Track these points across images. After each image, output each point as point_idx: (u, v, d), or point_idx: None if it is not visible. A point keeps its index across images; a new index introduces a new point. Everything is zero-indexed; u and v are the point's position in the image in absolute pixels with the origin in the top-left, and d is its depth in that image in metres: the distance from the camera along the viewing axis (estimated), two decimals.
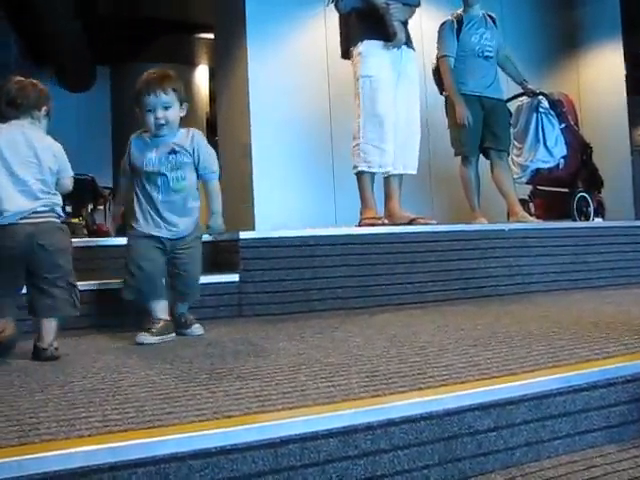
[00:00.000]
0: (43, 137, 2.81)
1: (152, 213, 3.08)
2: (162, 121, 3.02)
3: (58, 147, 2.82)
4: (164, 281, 3.11)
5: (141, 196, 3.13)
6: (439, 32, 5.50)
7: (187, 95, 3.20)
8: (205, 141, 3.16)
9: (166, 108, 3.03)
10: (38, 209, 2.68)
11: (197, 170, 3.11)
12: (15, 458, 1.34)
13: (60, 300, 2.66)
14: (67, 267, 2.71)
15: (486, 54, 5.42)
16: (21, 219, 2.64)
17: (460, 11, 5.53)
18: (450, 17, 5.52)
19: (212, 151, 3.18)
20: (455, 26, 5.45)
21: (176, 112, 3.07)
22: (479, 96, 5.38)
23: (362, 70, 4.74)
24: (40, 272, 2.66)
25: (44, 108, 2.86)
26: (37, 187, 2.69)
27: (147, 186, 3.09)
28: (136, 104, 3.10)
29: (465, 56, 5.42)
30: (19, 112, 2.79)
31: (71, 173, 2.88)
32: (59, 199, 2.80)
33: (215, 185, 3.17)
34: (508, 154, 5.56)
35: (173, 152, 3.06)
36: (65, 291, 2.68)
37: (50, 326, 2.65)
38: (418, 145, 4.94)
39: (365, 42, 4.75)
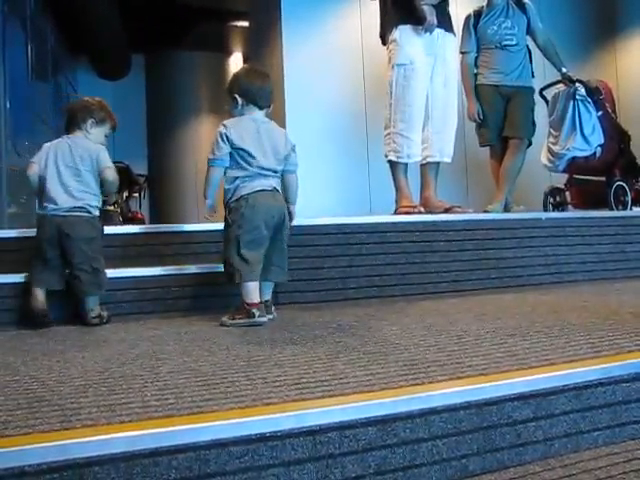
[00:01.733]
0: (83, 144, 3.43)
1: None
2: None
3: (96, 150, 3.43)
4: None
5: None
6: (464, 24, 5.56)
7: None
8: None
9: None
10: (72, 206, 3.32)
11: None
12: (59, 442, 1.36)
13: (86, 283, 3.27)
14: (91, 254, 3.30)
15: (505, 43, 5.39)
16: (55, 213, 3.31)
17: (484, 4, 5.52)
18: (471, 12, 5.54)
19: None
20: (472, 21, 5.51)
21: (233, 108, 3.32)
22: (497, 85, 5.37)
23: (396, 58, 4.73)
24: (68, 257, 3.29)
25: (90, 120, 3.48)
26: (76, 188, 3.35)
27: None
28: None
29: (484, 48, 5.48)
30: (69, 128, 3.51)
31: (109, 164, 3.46)
32: (95, 200, 3.42)
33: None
34: (530, 144, 5.47)
35: None
36: (89, 274, 3.28)
37: (88, 302, 3.27)
38: (454, 132, 4.92)
39: (399, 28, 4.73)
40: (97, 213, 3.43)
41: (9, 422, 1.48)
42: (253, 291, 3.05)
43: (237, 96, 3.26)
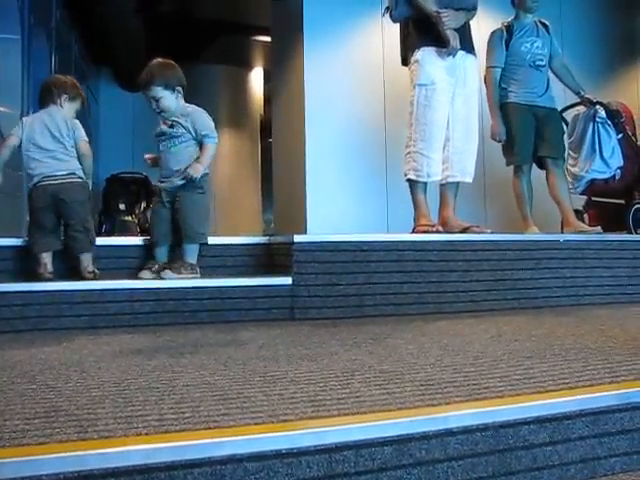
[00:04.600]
0: (60, 116, 3.84)
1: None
2: (157, 109, 3.97)
3: (72, 122, 3.87)
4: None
5: None
6: (488, 42, 5.50)
7: (178, 79, 4.07)
8: (198, 120, 3.98)
9: (156, 100, 3.93)
10: (64, 173, 3.74)
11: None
12: (76, 453, 1.36)
13: (81, 241, 3.73)
14: (83, 215, 3.77)
15: (537, 63, 5.40)
16: (50, 182, 3.71)
17: (511, 19, 5.50)
18: (500, 26, 5.50)
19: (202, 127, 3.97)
20: (505, 36, 5.45)
21: (167, 100, 3.95)
22: (531, 105, 5.36)
23: (418, 78, 4.74)
24: (64, 219, 3.76)
25: (64, 96, 3.91)
26: (60, 152, 3.76)
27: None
28: None
29: (516, 65, 5.42)
30: (44, 103, 3.91)
31: (85, 138, 3.89)
32: (80, 170, 3.83)
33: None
34: (564, 161, 5.52)
35: (171, 126, 3.97)
36: (82, 234, 3.73)
37: (83, 257, 3.73)
38: (475, 152, 4.92)
39: (422, 49, 4.75)
40: (85, 179, 3.87)
41: (26, 431, 1.49)
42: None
43: (180, 88, 4.02)
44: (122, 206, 9.66)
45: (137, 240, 4.12)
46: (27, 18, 6.67)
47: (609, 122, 5.73)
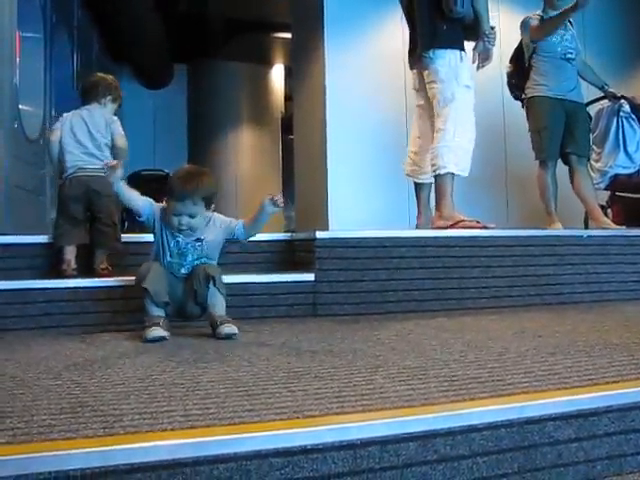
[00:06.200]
0: (100, 114, 3.96)
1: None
2: (184, 227, 3.07)
3: (112, 119, 3.98)
4: None
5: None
6: (525, 21, 5.44)
7: (215, 193, 3.18)
8: (221, 218, 3.22)
9: (192, 217, 3.06)
10: (97, 167, 3.77)
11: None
12: (102, 448, 1.36)
13: (108, 236, 3.82)
14: (113, 209, 3.83)
15: (568, 56, 5.34)
16: (84, 173, 3.84)
17: (539, 12, 5.45)
18: (532, 16, 5.44)
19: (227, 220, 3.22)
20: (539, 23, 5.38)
21: (201, 219, 3.10)
22: (562, 99, 5.30)
23: (464, 79, 4.68)
24: (95, 213, 3.84)
25: (108, 97, 4.04)
26: (94, 150, 3.88)
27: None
28: (167, 196, 3.13)
29: (548, 57, 5.35)
30: (87, 100, 4.05)
31: (122, 133, 3.99)
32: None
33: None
34: (588, 159, 5.48)
35: (198, 240, 3.14)
36: (110, 228, 3.82)
37: (98, 254, 3.80)
38: None
39: (463, 52, 4.73)
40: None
41: (53, 426, 1.50)
42: None
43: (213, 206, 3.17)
44: None
45: None
46: (49, 17, 6.72)
47: (633, 116, 5.68)
